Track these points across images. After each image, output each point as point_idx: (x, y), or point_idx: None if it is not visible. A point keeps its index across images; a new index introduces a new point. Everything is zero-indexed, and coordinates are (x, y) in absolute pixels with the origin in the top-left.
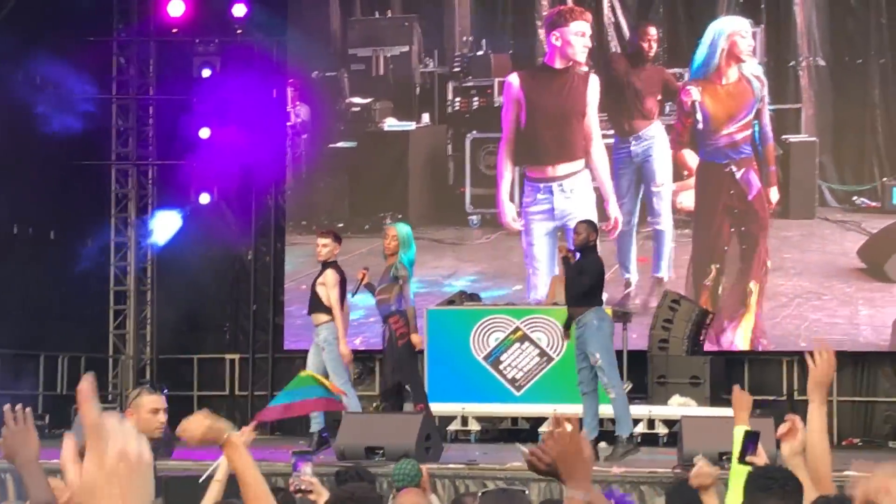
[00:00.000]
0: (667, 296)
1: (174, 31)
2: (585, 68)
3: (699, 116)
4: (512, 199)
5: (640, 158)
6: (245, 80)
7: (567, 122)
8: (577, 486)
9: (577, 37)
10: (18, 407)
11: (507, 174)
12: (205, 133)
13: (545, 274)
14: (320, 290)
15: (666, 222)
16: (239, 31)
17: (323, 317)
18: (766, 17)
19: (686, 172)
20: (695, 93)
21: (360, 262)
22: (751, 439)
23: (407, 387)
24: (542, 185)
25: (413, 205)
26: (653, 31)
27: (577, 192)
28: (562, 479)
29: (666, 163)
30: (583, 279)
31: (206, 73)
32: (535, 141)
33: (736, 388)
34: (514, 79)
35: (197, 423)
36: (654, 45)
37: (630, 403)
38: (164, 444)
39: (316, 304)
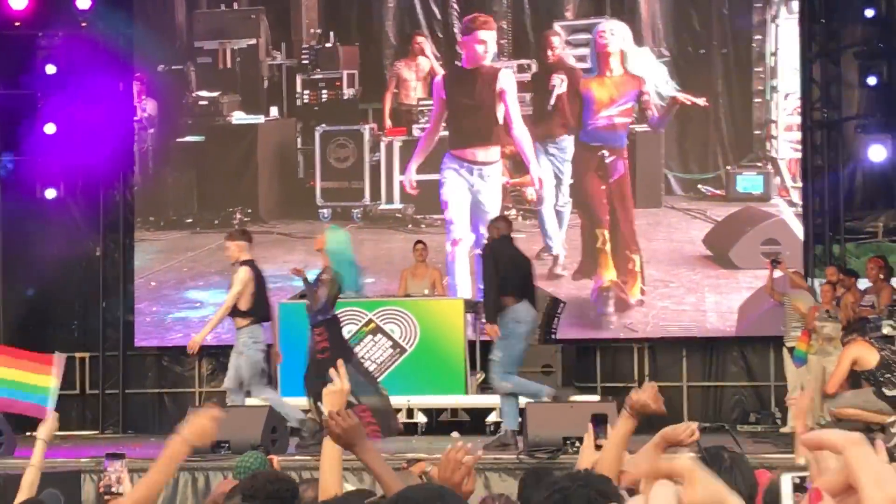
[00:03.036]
0: None
1: (17, 24)
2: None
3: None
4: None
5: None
6: (90, 74)
7: (479, 112)
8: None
9: (482, 44)
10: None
11: (421, 156)
12: (50, 129)
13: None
14: (236, 288)
15: (564, 204)
16: (84, 25)
17: (240, 321)
18: (611, 9)
19: None
20: (556, 80)
21: (209, 257)
22: (598, 423)
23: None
24: (463, 163)
25: (263, 199)
26: (555, 39)
27: (494, 177)
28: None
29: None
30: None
31: (50, 68)
32: (456, 129)
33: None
34: (439, 79)
35: None
36: (557, 52)
37: (483, 393)
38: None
39: (234, 309)
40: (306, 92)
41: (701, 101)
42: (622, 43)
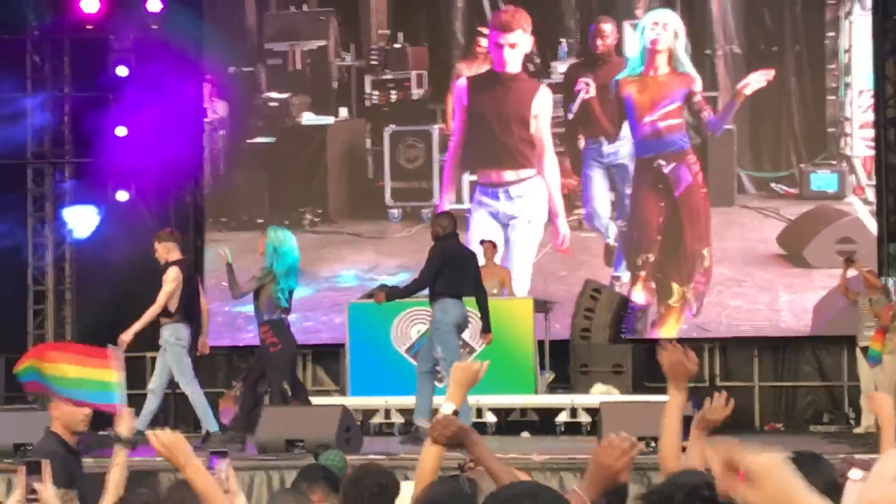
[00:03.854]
0: (588, 285)
1: (89, 27)
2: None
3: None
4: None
5: (608, 161)
6: (161, 75)
7: (509, 129)
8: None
9: (519, 42)
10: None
11: (455, 176)
12: (121, 131)
13: None
14: (168, 287)
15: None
16: (154, 27)
17: (164, 319)
18: (681, 5)
19: None
20: (581, 84)
21: None
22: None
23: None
24: (489, 189)
25: (332, 199)
26: (607, 27)
27: (526, 196)
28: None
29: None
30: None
31: (121, 70)
32: (481, 146)
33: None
34: (461, 83)
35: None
36: (609, 42)
37: (553, 393)
38: (86, 438)
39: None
40: (375, 93)
41: (770, 74)
42: (673, 39)
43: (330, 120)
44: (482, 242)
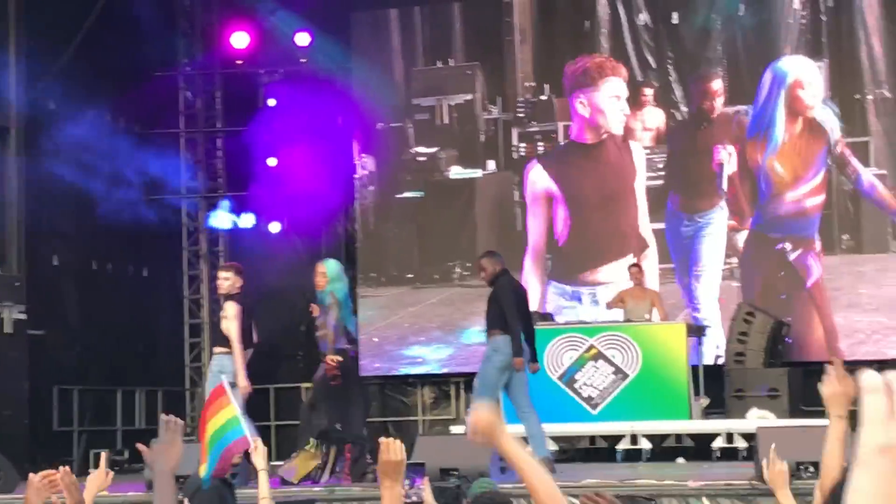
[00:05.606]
0: (741, 308)
1: (239, 62)
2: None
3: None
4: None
5: (691, 235)
6: (310, 107)
7: (615, 209)
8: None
9: (612, 100)
10: (171, 417)
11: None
12: (272, 162)
13: None
14: (223, 322)
15: (705, 309)
16: (303, 61)
17: (220, 348)
18: (829, 50)
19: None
20: (723, 154)
21: (430, 311)
22: None
23: (338, 425)
24: (570, 291)
25: (482, 251)
26: (717, 83)
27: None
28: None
29: (716, 244)
30: (494, 307)
31: (271, 102)
32: (578, 246)
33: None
34: (536, 173)
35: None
36: (719, 99)
37: (708, 418)
38: (241, 472)
39: (217, 336)
40: (522, 145)
41: None
42: (815, 94)
43: (478, 173)
44: (630, 267)
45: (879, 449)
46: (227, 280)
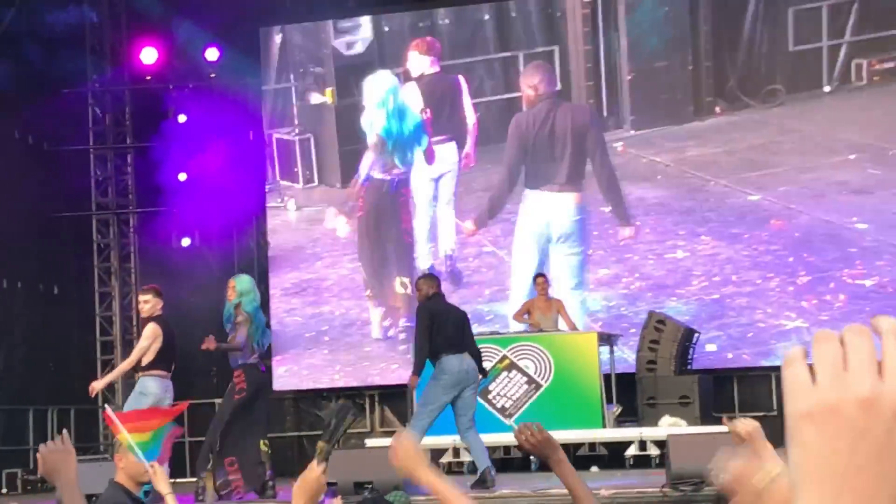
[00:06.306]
0: (651, 317)
1: (148, 78)
2: None
3: None
4: None
5: None
6: (220, 122)
7: None
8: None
9: None
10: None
11: None
12: (182, 177)
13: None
14: (143, 343)
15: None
16: (212, 76)
17: (145, 371)
18: None
19: None
20: None
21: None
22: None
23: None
24: None
25: (386, 263)
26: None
27: None
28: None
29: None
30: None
31: (181, 118)
32: None
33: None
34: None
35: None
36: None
37: (621, 426)
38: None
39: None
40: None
41: None
42: None
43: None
44: (536, 278)
45: (801, 417)
46: (147, 303)
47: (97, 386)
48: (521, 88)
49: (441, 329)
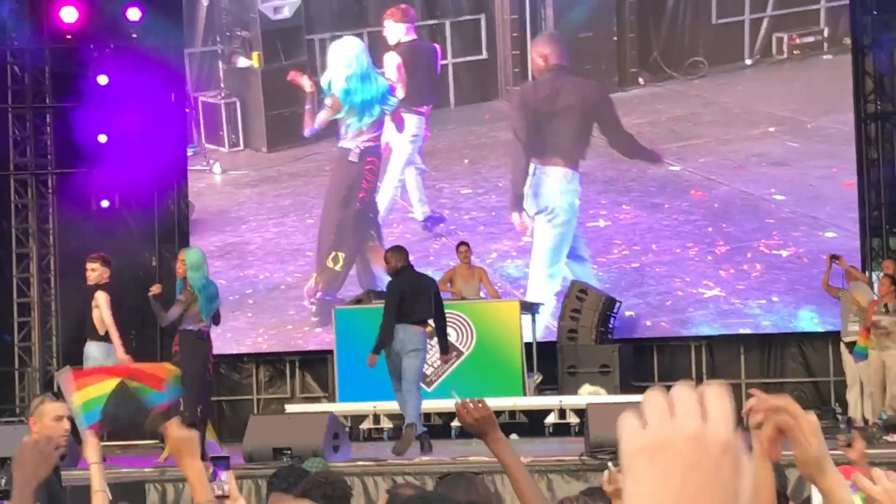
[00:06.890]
0: (574, 286)
1: (68, 37)
2: None
3: None
4: None
5: None
6: (141, 84)
7: None
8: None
9: None
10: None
11: None
12: (102, 139)
13: None
14: (94, 312)
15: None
16: (134, 36)
17: (91, 338)
18: None
19: None
20: None
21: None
22: None
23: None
24: None
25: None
26: None
27: None
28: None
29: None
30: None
31: (102, 79)
32: None
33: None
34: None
35: None
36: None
37: (541, 394)
38: (67, 453)
39: (89, 326)
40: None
41: None
42: None
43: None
44: (458, 246)
45: (636, 452)
46: (95, 271)
47: (124, 357)
48: (532, 57)
49: (411, 303)
